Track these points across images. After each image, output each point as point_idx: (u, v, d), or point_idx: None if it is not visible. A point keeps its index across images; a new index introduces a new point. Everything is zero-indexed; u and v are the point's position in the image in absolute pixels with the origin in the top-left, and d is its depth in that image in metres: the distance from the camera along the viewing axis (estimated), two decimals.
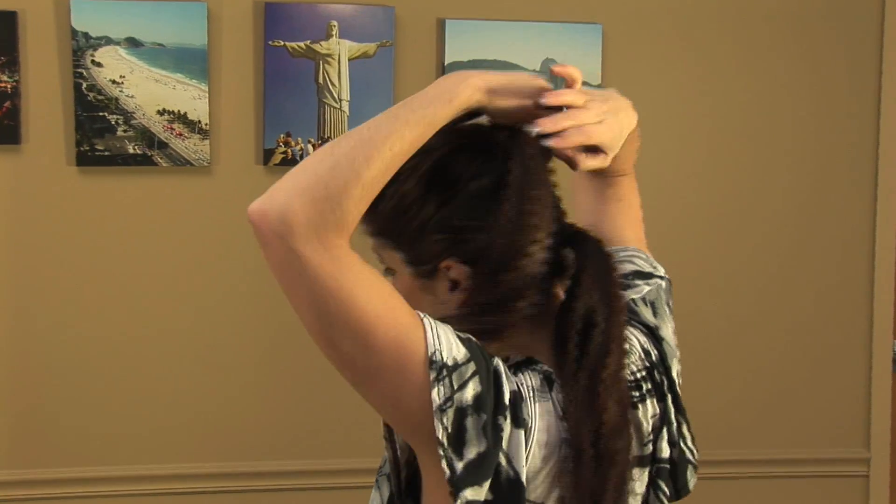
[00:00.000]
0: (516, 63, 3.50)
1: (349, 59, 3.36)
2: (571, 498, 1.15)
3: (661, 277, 1.38)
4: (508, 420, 1.10)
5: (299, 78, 3.34)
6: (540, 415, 1.14)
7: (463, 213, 1.19)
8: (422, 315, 1.11)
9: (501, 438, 1.09)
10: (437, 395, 1.06)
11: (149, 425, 3.40)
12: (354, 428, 3.41)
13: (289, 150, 3.37)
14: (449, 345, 1.08)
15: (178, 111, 3.28)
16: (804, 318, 3.72)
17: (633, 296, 1.33)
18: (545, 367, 1.20)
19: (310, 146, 3.38)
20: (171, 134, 3.28)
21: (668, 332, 1.34)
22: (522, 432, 1.11)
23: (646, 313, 1.33)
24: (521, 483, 1.10)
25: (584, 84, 1.27)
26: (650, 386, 1.27)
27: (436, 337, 1.08)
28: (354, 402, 1.30)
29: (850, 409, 3.75)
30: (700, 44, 3.58)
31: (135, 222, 3.34)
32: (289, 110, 3.33)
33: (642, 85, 3.56)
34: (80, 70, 3.18)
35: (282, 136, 3.36)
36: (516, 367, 1.18)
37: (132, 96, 3.26)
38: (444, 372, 1.07)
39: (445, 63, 3.45)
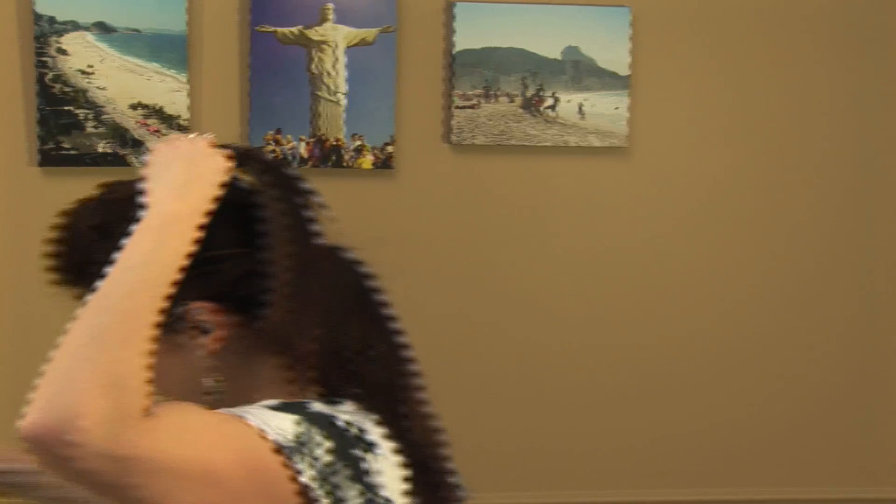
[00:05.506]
0: (535, 51, 3.25)
1: (346, 47, 3.17)
2: None
3: None
4: (366, 450, 1.11)
5: (290, 68, 3.16)
6: (381, 436, 1.15)
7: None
8: (232, 412, 1.08)
9: (369, 472, 1.10)
10: (308, 476, 1.05)
11: None
12: None
13: (278, 150, 3.17)
14: (275, 421, 1.06)
15: (155, 105, 3.13)
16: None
17: None
18: (352, 390, 1.18)
19: (301, 145, 3.16)
20: (147, 130, 3.13)
21: None
22: (381, 457, 1.13)
23: None
24: None
25: (610, 75, 1.14)
26: None
27: (263, 424, 1.05)
28: None
29: None
30: (738, 28, 3.37)
31: None
32: (278, 104, 3.16)
33: (674, 74, 3.35)
34: (43, 59, 3.06)
35: (270, 133, 3.16)
36: (327, 404, 1.17)
37: (103, 88, 3.11)
38: (297, 450, 1.05)
39: (454, 51, 3.21)
